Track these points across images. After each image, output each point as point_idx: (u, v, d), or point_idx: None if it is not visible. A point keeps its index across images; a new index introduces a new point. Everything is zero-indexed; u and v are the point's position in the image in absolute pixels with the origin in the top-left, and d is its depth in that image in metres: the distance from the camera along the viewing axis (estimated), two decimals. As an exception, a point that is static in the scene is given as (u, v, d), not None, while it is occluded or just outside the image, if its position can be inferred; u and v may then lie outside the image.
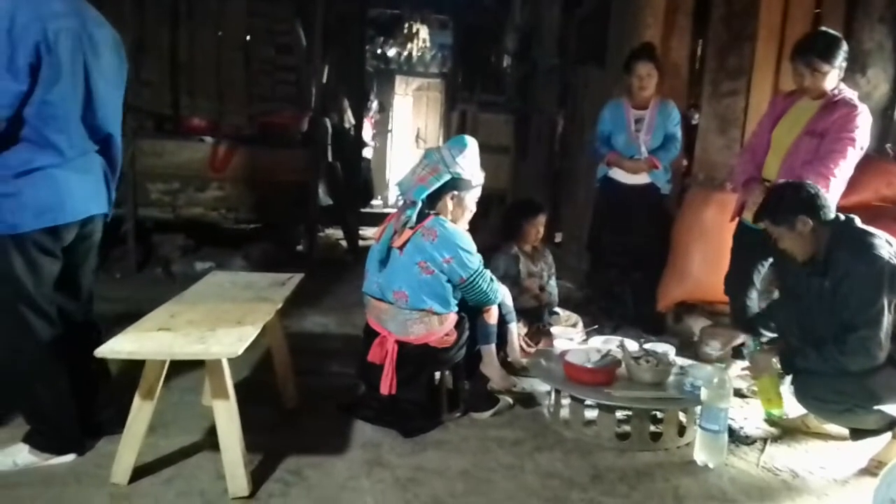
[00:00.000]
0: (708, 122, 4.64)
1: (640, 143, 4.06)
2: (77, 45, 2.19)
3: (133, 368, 2.23)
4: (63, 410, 2.37)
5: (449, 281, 2.77)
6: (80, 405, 2.42)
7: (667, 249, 4.24)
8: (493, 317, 2.97)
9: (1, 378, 2.41)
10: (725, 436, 2.64)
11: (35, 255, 2.24)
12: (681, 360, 3.13)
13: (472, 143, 2.86)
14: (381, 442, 2.69)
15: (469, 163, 2.85)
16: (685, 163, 4.72)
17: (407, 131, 12.26)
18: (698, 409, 2.70)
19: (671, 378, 2.91)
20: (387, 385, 2.75)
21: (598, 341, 3.24)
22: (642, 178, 4.09)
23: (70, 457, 2.40)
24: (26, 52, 2.07)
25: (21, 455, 2.33)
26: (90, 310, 2.60)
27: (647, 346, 3.17)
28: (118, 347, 2.10)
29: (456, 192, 2.83)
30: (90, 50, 2.25)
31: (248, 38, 6.51)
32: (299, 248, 6.21)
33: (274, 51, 6.65)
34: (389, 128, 12.01)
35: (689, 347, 3.86)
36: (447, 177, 2.79)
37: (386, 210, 10.05)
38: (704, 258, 4.04)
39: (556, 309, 3.88)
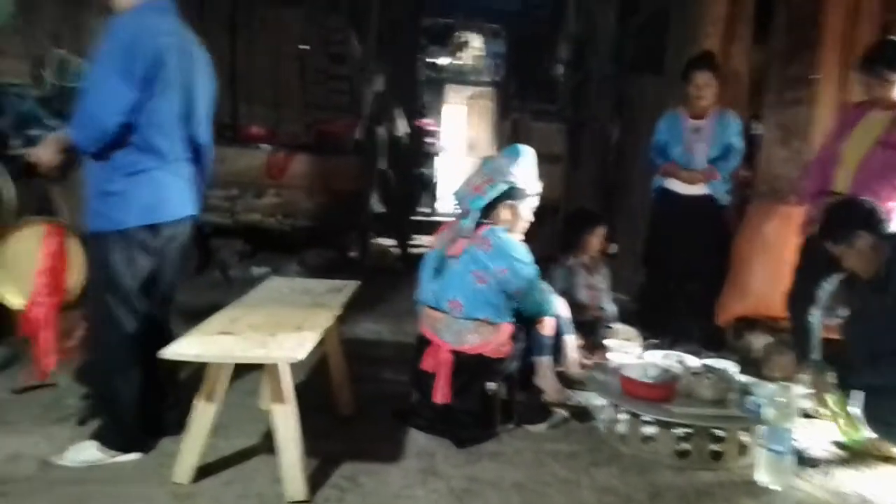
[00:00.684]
0: (770, 132, 4.51)
1: (696, 153, 3.98)
2: (181, 61, 2.37)
3: (197, 370, 2.28)
4: (133, 406, 2.45)
5: (503, 291, 2.75)
6: (148, 404, 2.50)
7: (726, 263, 4.13)
8: (548, 328, 2.94)
9: (87, 366, 2.54)
10: (790, 457, 2.55)
11: (135, 251, 2.39)
12: (742, 378, 3.04)
13: (527, 152, 2.85)
14: (435, 451, 2.69)
15: (524, 172, 2.84)
16: (746, 174, 4.60)
17: (458, 140, 12.29)
18: (761, 428, 2.61)
19: (732, 395, 2.83)
20: (440, 394, 2.74)
21: (655, 356, 3.18)
22: (700, 190, 4.00)
23: (135, 455, 2.46)
24: (142, 64, 2.24)
25: (89, 452, 2.41)
26: (168, 311, 2.69)
27: (707, 362, 3.09)
28: (182, 350, 2.15)
29: (511, 202, 2.83)
30: (191, 66, 2.42)
31: (304, 47, 6.65)
32: (352, 254, 6.28)
33: (328, 60, 6.78)
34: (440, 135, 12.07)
35: (750, 364, 3.74)
36: (503, 186, 2.78)
37: (435, 218, 10.09)
38: (766, 272, 3.93)
39: (612, 323, 3.82)
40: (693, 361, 3.06)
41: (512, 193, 2.80)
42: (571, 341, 3.24)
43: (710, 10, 4.52)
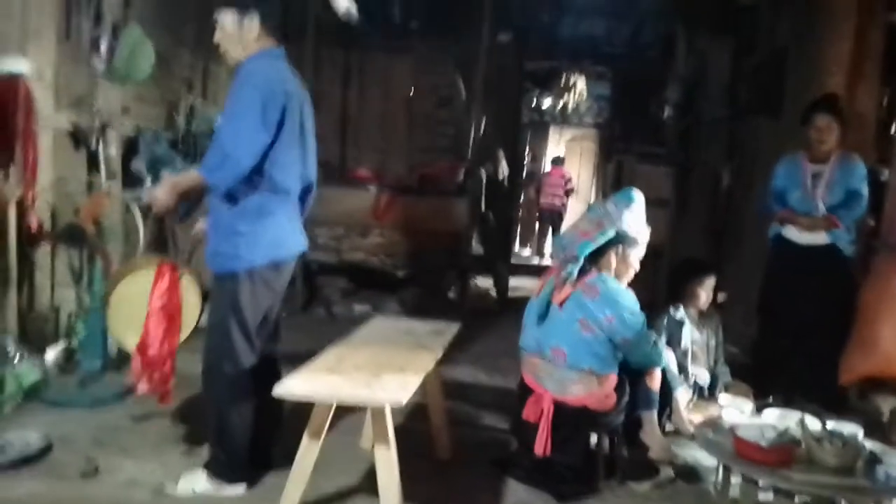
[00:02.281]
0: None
1: (817, 199, 3.76)
2: (298, 105, 2.50)
3: (297, 406, 2.32)
4: (243, 438, 2.53)
5: (610, 341, 2.67)
6: (257, 436, 2.58)
7: (849, 317, 3.84)
8: (655, 381, 2.83)
9: (204, 395, 2.63)
10: (929, 537, 2.31)
11: (259, 287, 2.50)
12: (870, 444, 2.79)
13: (639, 198, 2.78)
14: (534, 504, 2.62)
15: (635, 218, 2.77)
16: (872, 223, 4.30)
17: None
18: (894, 501, 2.38)
19: (860, 464, 2.60)
20: (542, 445, 2.67)
21: (772, 416, 2.97)
22: (821, 239, 3.77)
23: (241, 487, 2.54)
24: (274, 109, 2.37)
25: (199, 482, 2.51)
26: (276, 346, 2.78)
27: (831, 425, 2.86)
28: (291, 388, 2.22)
29: (621, 248, 2.76)
30: (303, 109, 2.55)
31: (411, 92, 6.86)
32: (451, 295, 6.31)
33: (434, 105, 6.95)
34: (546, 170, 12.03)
35: (876, 429, 3.44)
36: (612, 232, 2.72)
37: (536, 261, 10.04)
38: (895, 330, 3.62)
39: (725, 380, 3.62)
40: (814, 424, 2.84)
41: (622, 240, 2.74)
42: (680, 396, 3.09)
43: (833, 48, 4.31)
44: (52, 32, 3.66)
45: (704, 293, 3.54)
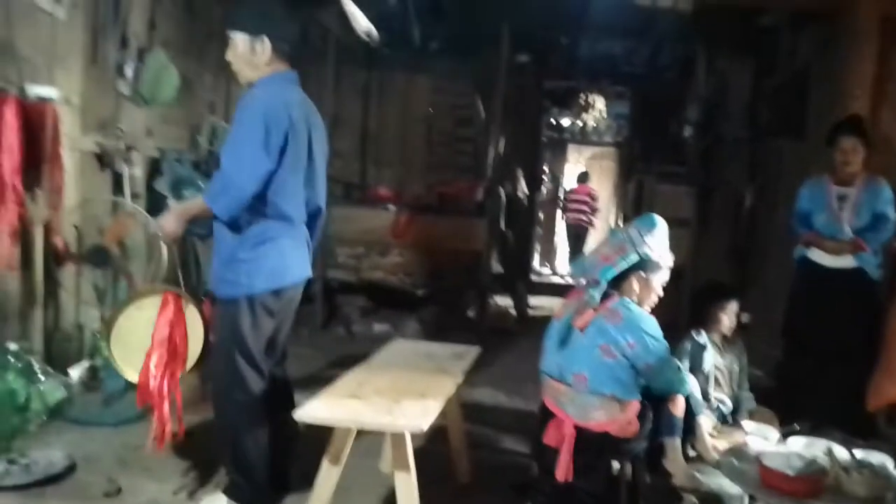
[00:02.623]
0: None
1: (842, 222, 3.72)
2: (306, 130, 2.47)
3: (315, 426, 2.29)
4: (260, 462, 2.52)
5: (633, 367, 2.64)
6: (273, 459, 2.57)
7: (876, 341, 3.78)
8: (679, 408, 2.79)
9: (216, 423, 2.63)
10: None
11: (260, 314, 2.48)
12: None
13: (661, 223, 2.76)
14: (556, 531, 2.59)
15: (658, 243, 2.74)
16: (900, 246, 4.23)
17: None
18: (926, 535, 2.32)
19: (890, 495, 2.54)
20: (563, 472, 2.63)
21: (799, 444, 2.91)
22: (847, 262, 3.73)
23: (261, 510, 2.54)
24: (277, 136, 2.35)
25: (220, 504, 2.51)
26: (285, 367, 2.78)
27: (859, 454, 2.80)
28: (313, 413, 2.22)
29: (643, 274, 2.73)
30: (314, 134, 2.53)
31: (430, 112, 6.91)
32: (469, 313, 6.30)
33: (454, 123, 6.98)
34: (559, 197, 12.03)
35: (906, 457, 3.36)
36: (635, 257, 2.70)
37: (553, 280, 10.00)
38: (925, 354, 3.54)
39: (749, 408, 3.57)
40: (842, 452, 2.78)
41: (644, 265, 2.71)
42: (704, 422, 3.05)
43: (857, 70, 4.28)
44: (79, 58, 3.74)
45: (727, 317, 3.49)
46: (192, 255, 4.30)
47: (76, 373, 3.59)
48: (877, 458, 2.76)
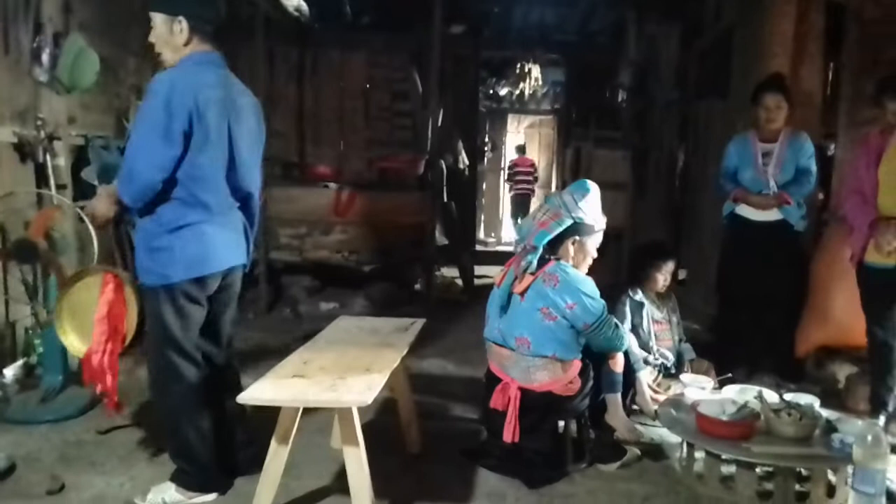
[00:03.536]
0: (845, 152, 4.33)
1: (768, 177, 3.85)
2: (223, 113, 2.37)
3: (266, 408, 2.28)
4: (206, 450, 2.51)
5: (572, 327, 2.72)
6: (220, 445, 2.56)
7: (803, 290, 3.97)
8: (618, 364, 2.88)
9: (156, 412, 2.61)
10: (883, 499, 2.40)
11: (183, 303, 2.42)
12: (826, 413, 2.89)
13: (594, 188, 2.83)
14: (506, 492, 2.66)
15: (591, 207, 2.81)
16: (822, 197, 4.42)
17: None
18: (850, 468, 2.47)
19: (817, 433, 2.69)
20: (510, 433, 2.71)
21: (732, 391, 3.06)
22: (773, 215, 3.87)
23: (212, 496, 2.53)
24: (181, 120, 2.26)
25: (169, 493, 2.49)
26: (231, 354, 2.76)
27: (788, 396, 2.95)
28: (258, 394, 2.21)
29: (577, 237, 2.80)
30: (234, 117, 2.43)
31: (367, 86, 6.83)
32: (417, 287, 6.33)
33: (391, 98, 6.93)
34: (502, 166, 12.11)
35: (833, 397, 3.57)
36: (569, 222, 2.76)
37: (499, 248, 10.10)
38: (847, 299, 3.71)
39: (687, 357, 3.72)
40: (772, 396, 2.93)
41: (578, 229, 2.78)
42: (643, 377, 3.16)
43: (777, 29, 4.41)
44: (-11, 45, 3.56)
45: (662, 276, 3.61)
46: (128, 243, 4.18)
47: (11, 372, 3.48)
48: (805, 399, 2.92)
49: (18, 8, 3.74)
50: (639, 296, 3.57)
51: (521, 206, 11.09)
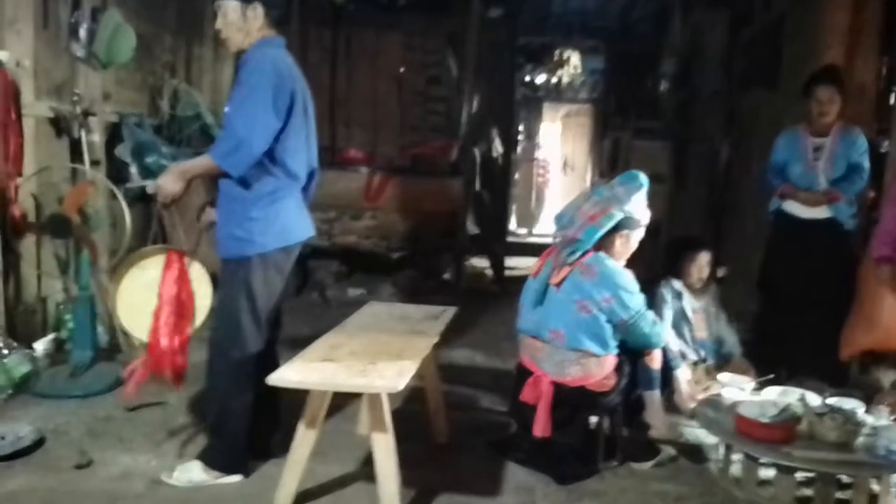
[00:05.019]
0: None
1: (818, 173, 3.71)
2: (303, 92, 2.53)
3: (296, 393, 2.27)
4: (244, 429, 2.51)
5: (609, 321, 2.63)
6: (255, 426, 2.55)
7: (850, 292, 3.80)
8: (655, 361, 2.79)
9: (207, 381, 2.61)
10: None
11: (272, 272, 2.51)
12: (871, 418, 2.76)
13: (645, 181, 2.72)
14: (535, 487, 2.60)
15: (641, 201, 2.72)
16: (873, 195, 4.25)
17: (554, 158, 12.15)
18: (895, 477, 2.36)
19: (861, 439, 2.57)
20: (540, 427, 2.63)
21: (773, 393, 2.95)
22: (822, 213, 3.72)
23: (237, 478, 2.51)
24: (285, 95, 2.40)
25: (195, 472, 2.48)
26: (278, 334, 2.75)
27: (832, 400, 2.83)
28: (286, 377, 2.17)
29: (626, 232, 2.71)
30: (308, 97, 2.59)
31: (401, 70, 6.75)
32: (446, 276, 6.27)
33: (425, 82, 6.84)
34: (536, 155, 11.95)
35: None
36: (619, 216, 2.66)
37: (531, 240, 9.99)
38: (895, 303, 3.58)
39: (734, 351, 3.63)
40: (815, 399, 2.81)
41: (627, 223, 2.68)
42: (682, 374, 3.06)
43: (831, 20, 4.23)
44: (29, 20, 3.55)
45: (696, 269, 3.51)
46: (157, 222, 4.17)
47: (41, 346, 3.50)
48: (849, 404, 2.80)
49: (59, -18, 3.74)
50: (678, 285, 3.48)
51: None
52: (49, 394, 3.17)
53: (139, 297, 2.75)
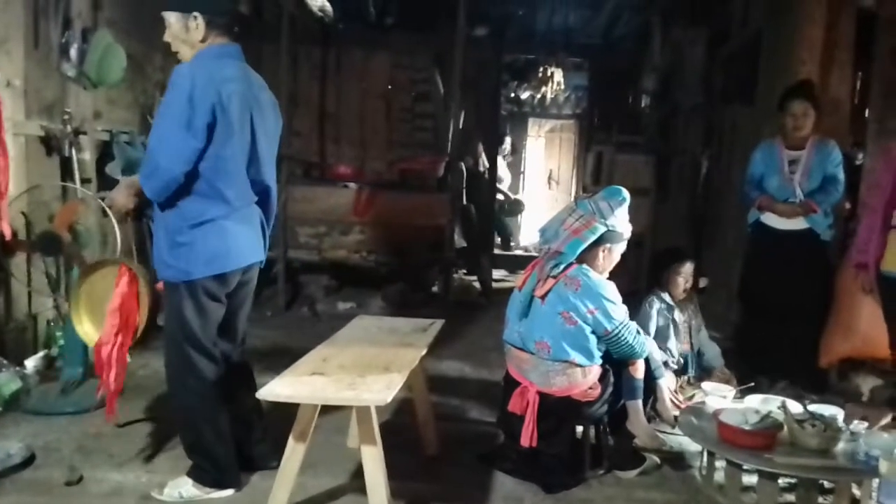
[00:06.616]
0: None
1: (794, 185, 3.80)
2: (245, 106, 2.36)
3: (283, 404, 2.27)
4: (222, 445, 2.50)
5: (593, 332, 2.69)
6: (236, 441, 2.56)
7: (828, 300, 3.90)
8: (639, 370, 2.84)
9: (172, 408, 2.60)
10: (910, 515, 2.34)
11: (203, 299, 2.42)
12: (851, 425, 2.83)
13: (627, 195, 2.79)
14: (523, 496, 2.63)
15: (624, 215, 2.79)
16: (849, 206, 4.35)
17: (539, 173, 12.26)
18: (875, 482, 2.42)
19: (841, 445, 2.64)
20: (527, 437, 2.68)
21: (755, 400, 3.01)
22: (799, 224, 3.82)
23: (228, 492, 2.53)
24: (203, 113, 2.24)
25: (186, 488, 2.49)
26: (244, 350, 2.76)
27: (812, 407, 2.90)
28: (276, 391, 2.20)
29: (609, 245, 2.77)
30: (256, 110, 2.43)
31: (389, 87, 6.83)
32: (434, 289, 6.32)
33: (413, 99, 6.92)
34: (522, 169, 12.06)
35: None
36: (602, 230, 2.72)
37: (517, 253, 10.05)
38: (873, 311, 3.64)
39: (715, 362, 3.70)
40: (796, 407, 2.88)
41: (610, 237, 2.75)
42: (665, 383, 3.12)
43: (806, 36, 4.35)
44: (20, 40, 3.59)
45: (682, 279, 3.60)
46: (148, 237, 4.20)
47: (32, 363, 3.51)
48: (829, 411, 2.87)
49: (48, 3, 3.79)
50: (667, 297, 3.57)
51: None
52: (39, 411, 3.18)
53: (95, 305, 2.90)
